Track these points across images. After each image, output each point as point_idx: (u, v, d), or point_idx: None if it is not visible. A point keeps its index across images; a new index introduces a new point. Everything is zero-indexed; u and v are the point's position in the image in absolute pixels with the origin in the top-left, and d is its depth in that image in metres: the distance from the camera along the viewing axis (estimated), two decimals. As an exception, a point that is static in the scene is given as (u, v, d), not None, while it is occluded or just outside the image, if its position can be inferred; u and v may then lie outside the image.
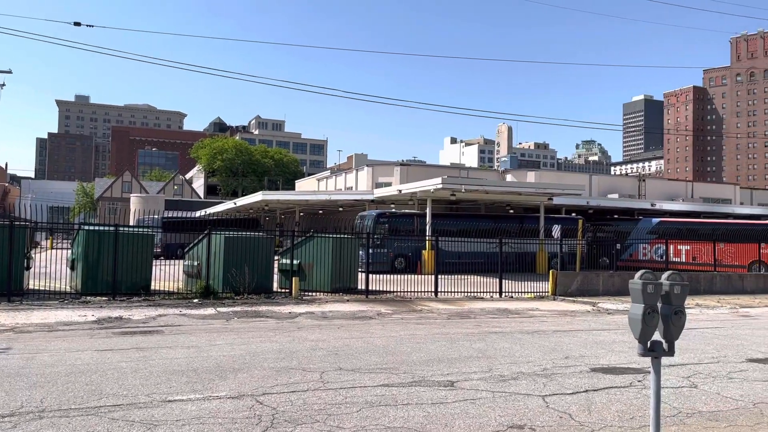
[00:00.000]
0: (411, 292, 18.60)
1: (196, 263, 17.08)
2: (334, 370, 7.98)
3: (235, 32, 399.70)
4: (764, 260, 28.73)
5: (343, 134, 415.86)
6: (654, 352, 4.23)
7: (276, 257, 18.71)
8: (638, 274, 4.21)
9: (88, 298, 15.35)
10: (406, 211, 32.23)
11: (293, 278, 17.19)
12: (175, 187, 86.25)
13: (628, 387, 7.49)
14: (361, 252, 21.04)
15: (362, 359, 8.78)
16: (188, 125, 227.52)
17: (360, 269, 19.68)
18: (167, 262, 22.46)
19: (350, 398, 6.63)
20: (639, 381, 7.79)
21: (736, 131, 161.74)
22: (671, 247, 28.96)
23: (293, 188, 72.29)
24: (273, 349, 9.46)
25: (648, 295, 4.12)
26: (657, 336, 4.31)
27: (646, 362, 8.70)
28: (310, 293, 17.53)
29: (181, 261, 18.68)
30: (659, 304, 4.18)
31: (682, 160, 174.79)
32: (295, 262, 17.80)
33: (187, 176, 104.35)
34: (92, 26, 25.96)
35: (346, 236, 19.14)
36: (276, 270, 18.29)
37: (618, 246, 26.89)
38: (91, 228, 16.56)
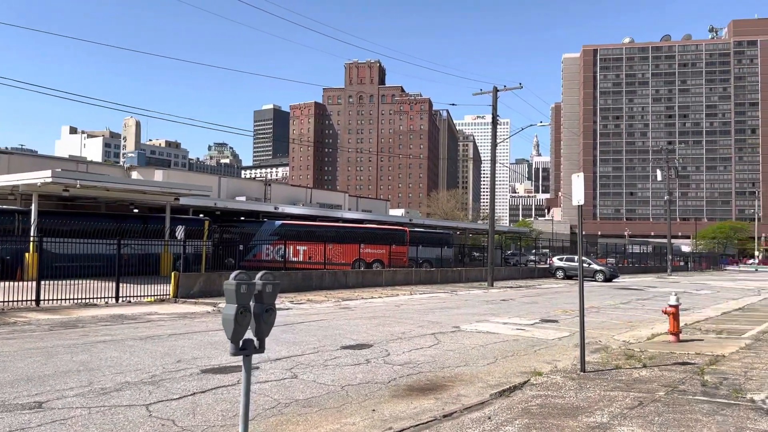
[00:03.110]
0: (5, 302, 15.90)
1: None
2: None
3: None
4: (364, 258, 33.31)
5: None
6: (245, 350, 4.35)
7: None
8: (233, 274, 4.27)
9: None
10: (5, 207, 27.61)
11: None
12: None
13: (235, 385, 7.66)
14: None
15: None
16: None
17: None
18: None
19: None
20: (246, 377, 8.05)
21: (347, 146, 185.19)
22: (291, 248, 31.30)
23: None
24: None
25: (241, 295, 4.22)
26: (250, 334, 4.44)
27: (256, 359, 9.11)
28: None
29: None
30: (252, 303, 4.32)
31: (305, 168, 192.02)
32: None
33: None
34: None
35: None
36: None
37: (241, 247, 27.87)
38: None
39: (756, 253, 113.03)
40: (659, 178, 64.92)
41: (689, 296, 26.64)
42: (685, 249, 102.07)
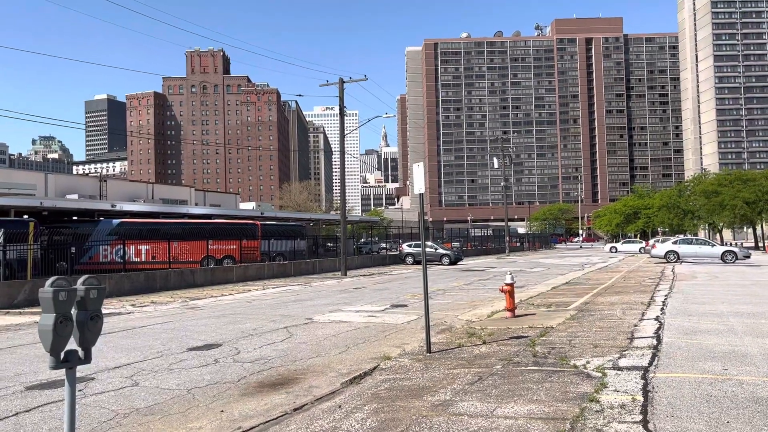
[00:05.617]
0: None
1: None
2: None
3: None
4: (213, 255, 32.14)
5: None
6: (68, 362, 3.98)
7: None
8: (49, 281, 3.88)
9: None
10: None
11: None
12: None
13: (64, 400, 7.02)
14: None
15: None
16: None
17: None
18: None
19: None
20: (80, 390, 7.43)
21: (192, 137, 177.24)
22: (132, 248, 29.37)
23: None
24: None
25: (61, 303, 3.84)
26: (74, 345, 4.07)
27: (91, 369, 8.45)
28: None
29: None
30: (75, 311, 3.96)
31: (145, 162, 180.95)
32: None
33: None
34: None
35: None
36: None
37: (73, 249, 25.70)
38: None
39: (580, 231, 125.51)
40: (496, 165, 69.56)
41: (524, 274, 28.91)
42: (521, 230, 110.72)
